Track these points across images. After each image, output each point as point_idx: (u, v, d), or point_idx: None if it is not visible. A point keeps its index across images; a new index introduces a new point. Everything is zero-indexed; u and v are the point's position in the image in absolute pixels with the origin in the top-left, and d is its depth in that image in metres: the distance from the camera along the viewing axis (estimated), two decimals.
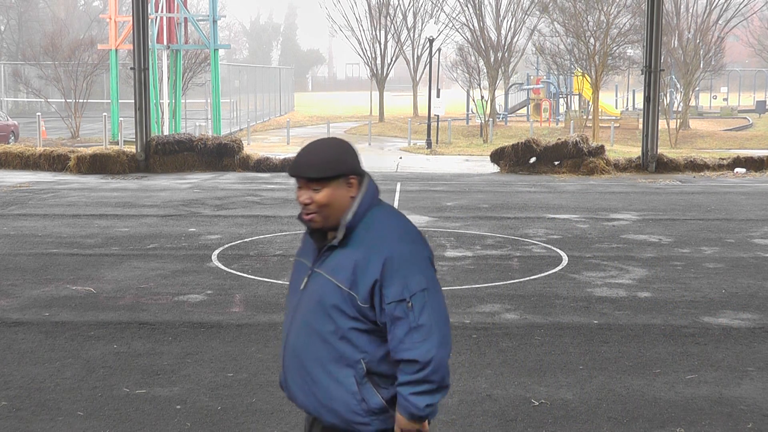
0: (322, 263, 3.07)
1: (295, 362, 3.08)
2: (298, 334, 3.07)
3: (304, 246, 3.25)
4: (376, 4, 47.31)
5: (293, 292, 3.19)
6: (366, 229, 3.05)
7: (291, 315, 3.14)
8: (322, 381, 3.03)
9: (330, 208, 3.03)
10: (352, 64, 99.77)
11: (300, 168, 3.03)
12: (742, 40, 62.40)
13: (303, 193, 3.05)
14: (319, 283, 3.05)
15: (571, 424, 5.60)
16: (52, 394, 6.06)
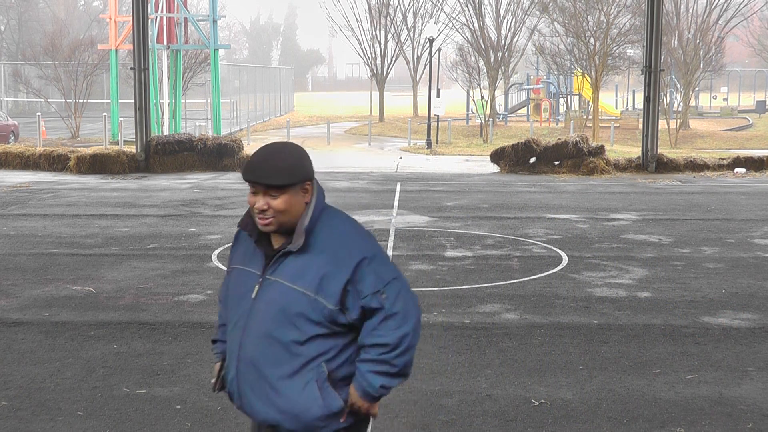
0: (276, 270, 3.03)
1: (254, 373, 3.04)
2: (256, 345, 3.02)
3: (241, 253, 3.19)
4: (376, 4, 47.31)
5: (238, 301, 3.11)
6: (324, 233, 3.03)
7: (242, 325, 3.07)
8: (283, 389, 3.01)
9: (287, 214, 3.00)
10: (352, 64, 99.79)
11: (260, 174, 2.98)
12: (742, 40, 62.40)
13: (259, 199, 3.01)
14: (277, 291, 3.00)
15: (571, 424, 5.60)
16: (52, 394, 6.06)
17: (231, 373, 3.12)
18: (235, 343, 3.09)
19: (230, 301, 3.17)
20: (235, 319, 3.11)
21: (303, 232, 3.00)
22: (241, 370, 3.06)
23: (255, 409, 3.07)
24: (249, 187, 3.05)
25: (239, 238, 3.25)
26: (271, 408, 3.03)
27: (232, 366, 3.11)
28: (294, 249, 3.00)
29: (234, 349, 3.09)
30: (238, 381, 3.09)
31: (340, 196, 16.78)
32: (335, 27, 51.79)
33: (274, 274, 3.03)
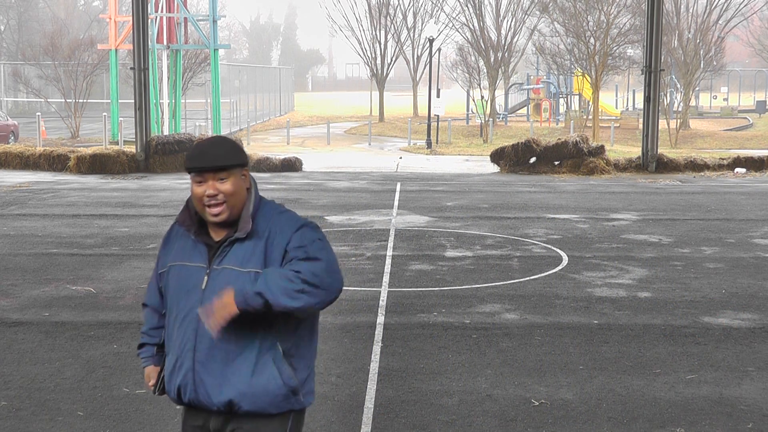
0: (223, 259, 3.12)
1: (212, 358, 3.10)
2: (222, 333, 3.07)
3: (176, 250, 3.25)
4: (376, 4, 47.31)
5: (184, 296, 3.16)
6: (265, 218, 3.16)
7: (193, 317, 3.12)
8: (242, 370, 3.09)
9: (235, 197, 3.11)
10: (352, 64, 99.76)
11: (207, 159, 3.09)
12: (742, 40, 62.37)
13: (208, 186, 3.10)
14: (228, 278, 3.07)
15: (571, 424, 5.60)
16: (52, 394, 6.06)
17: (185, 366, 3.15)
18: (189, 335, 3.13)
19: (173, 298, 3.21)
20: (183, 314, 3.16)
21: (249, 218, 3.12)
22: (199, 359, 3.11)
23: (214, 394, 3.11)
24: (193, 178, 3.12)
25: (171, 237, 3.34)
26: (231, 389, 3.09)
27: (186, 358, 3.14)
28: (242, 235, 3.10)
29: (187, 341, 3.14)
30: (195, 371, 3.12)
31: (340, 196, 16.78)
32: (335, 27, 51.80)
33: (221, 263, 3.12)
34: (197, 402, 3.16)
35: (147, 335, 3.44)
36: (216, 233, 3.18)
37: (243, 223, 3.12)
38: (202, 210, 3.15)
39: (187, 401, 3.19)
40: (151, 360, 3.42)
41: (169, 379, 3.22)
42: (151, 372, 3.40)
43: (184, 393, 3.17)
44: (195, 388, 3.14)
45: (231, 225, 3.15)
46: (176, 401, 3.24)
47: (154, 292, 3.41)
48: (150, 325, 3.44)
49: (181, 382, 3.17)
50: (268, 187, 18.21)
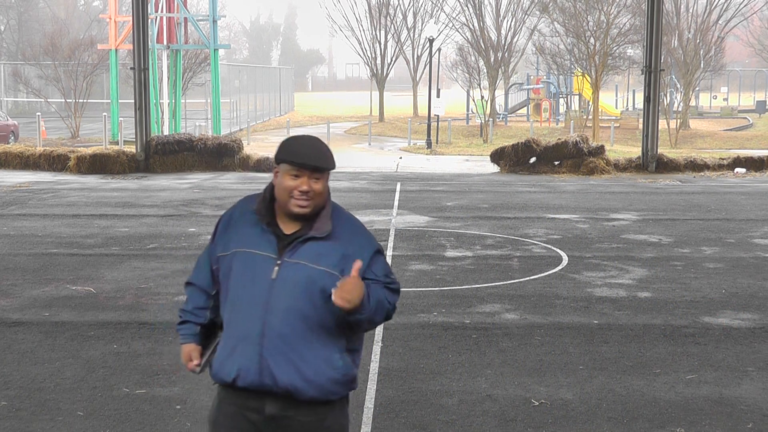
0: (295, 254, 3.23)
1: (282, 346, 3.21)
2: (283, 320, 3.20)
3: (241, 237, 3.31)
4: (376, 4, 47.31)
5: (250, 281, 3.25)
6: (337, 222, 3.30)
7: (260, 303, 3.22)
8: (311, 359, 3.22)
9: (321, 197, 3.26)
10: (352, 64, 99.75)
11: (312, 158, 3.24)
12: (742, 40, 62.37)
13: (303, 182, 3.22)
14: (301, 272, 3.21)
15: (571, 424, 5.60)
16: (52, 394, 6.06)
17: (249, 351, 3.23)
18: (255, 321, 3.23)
19: (235, 284, 3.28)
20: (247, 300, 3.24)
21: (329, 220, 3.27)
22: (266, 345, 3.21)
23: (280, 379, 3.21)
24: (288, 171, 3.24)
25: (232, 222, 3.38)
26: (295, 377, 3.21)
27: (251, 343, 3.23)
28: (320, 235, 3.24)
29: (253, 327, 3.23)
30: (261, 356, 3.21)
31: (340, 196, 16.78)
32: (335, 27, 51.81)
33: (293, 257, 3.23)
34: (259, 385, 3.23)
35: (191, 314, 3.46)
36: (286, 226, 3.29)
37: (321, 224, 3.26)
38: (286, 201, 3.25)
39: (245, 385, 3.24)
40: (193, 338, 3.43)
41: (224, 362, 3.27)
42: (192, 350, 3.42)
43: (244, 377, 3.23)
44: (260, 372, 3.21)
45: (304, 220, 3.27)
46: (227, 384, 3.28)
47: (205, 272, 3.45)
48: (195, 304, 3.46)
49: (241, 366, 3.23)
50: None
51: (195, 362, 3.41)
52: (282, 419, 3.26)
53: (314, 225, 3.25)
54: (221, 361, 3.29)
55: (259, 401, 3.26)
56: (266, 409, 3.26)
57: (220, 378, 3.30)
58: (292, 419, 3.25)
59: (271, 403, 3.25)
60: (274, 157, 3.37)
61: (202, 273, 3.46)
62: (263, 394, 3.25)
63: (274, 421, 3.26)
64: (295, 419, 3.25)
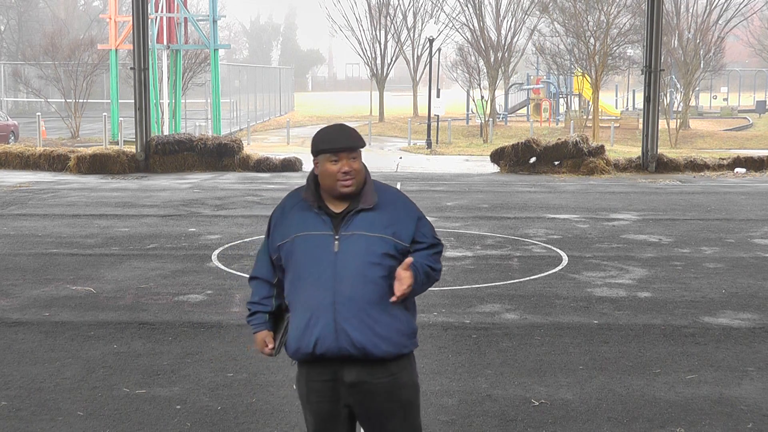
0: (350, 226, 3.61)
1: (354, 309, 3.56)
2: (353, 284, 3.56)
3: (297, 223, 3.66)
4: (376, 4, 47.31)
5: (316, 259, 3.59)
6: (381, 195, 3.68)
7: (329, 276, 3.57)
8: (381, 317, 3.59)
9: (361, 173, 3.64)
10: (352, 64, 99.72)
11: (344, 141, 3.63)
12: (742, 40, 62.39)
13: (343, 164, 3.61)
14: (359, 241, 3.59)
15: (571, 424, 5.60)
16: (52, 394, 6.06)
17: (323, 319, 3.56)
18: (326, 291, 3.57)
19: (302, 263, 3.63)
20: (317, 275, 3.59)
21: (374, 192, 3.67)
22: (339, 311, 3.56)
23: (356, 340, 3.56)
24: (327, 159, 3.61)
25: (285, 213, 3.74)
26: (369, 335, 3.57)
27: (325, 311, 3.57)
28: (368, 206, 3.63)
29: (324, 297, 3.57)
30: (336, 321, 3.55)
31: None
32: (335, 27, 51.81)
33: (348, 230, 3.61)
34: (336, 350, 3.56)
35: (260, 304, 3.81)
36: (335, 206, 3.66)
37: (368, 196, 3.64)
38: (333, 185, 3.62)
39: (322, 352, 3.57)
40: (264, 326, 3.80)
41: (302, 335, 3.60)
42: (266, 336, 3.77)
43: (321, 344, 3.56)
44: (336, 337, 3.56)
45: (350, 198, 3.64)
46: (307, 356, 3.60)
47: (267, 264, 3.81)
48: (261, 295, 3.82)
49: (319, 334, 3.57)
50: (269, 187, 18.22)
51: (270, 346, 3.76)
52: (362, 385, 3.61)
53: (361, 199, 3.63)
54: (298, 336, 3.62)
55: (338, 369, 3.61)
56: (345, 377, 3.60)
57: (301, 352, 3.62)
58: (370, 383, 3.61)
59: (348, 371, 3.60)
60: (311, 151, 3.74)
61: (264, 266, 3.82)
62: (341, 362, 3.59)
63: (354, 388, 3.61)
64: (372, 383, 3.61)
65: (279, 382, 6.29)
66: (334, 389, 3.63)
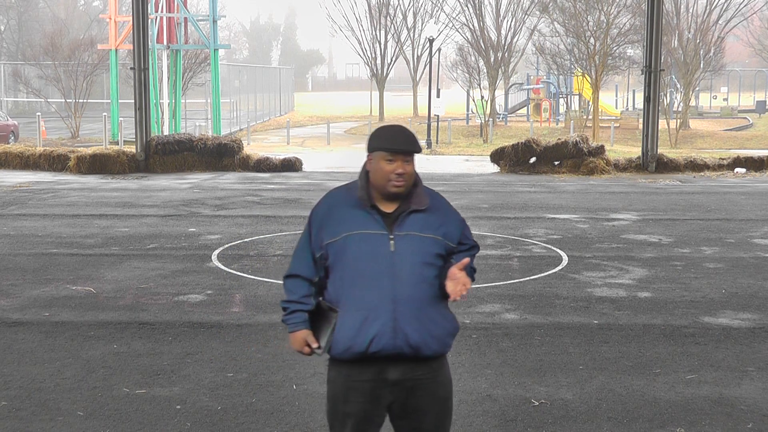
0: (403, 227, 3.65)
1: (413, 308, 3.62)
2: (412, 284, 3.62)
3: (349, 221, 3.66)
4: (376, 4, 47.33)
5: (372, 257, 3.61)
6: (431, 198, 3.75)
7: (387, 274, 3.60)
8: (435, 317, 3.68)
9: (412, 177, 3.69)
10: (352, 64, 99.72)
11: (405, 143, 3.66)
12: (742, 40, 62.39)
13: (397, 165, 3.64)
14: (413, 241, 3.65)
15: (571, 424, 5.60)
16: (52, 394, 6.06)
17: (381, 318, 3.59)
18: (385, 290, 3.61)
19: (356, 262, 3.63)
20: (373, 273, 3.62)
21: (425, 195, 3.72)
22: (399, 310, 3.60)
23: (412, 339, 3.61)
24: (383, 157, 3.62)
25: (331, 211, 3.72)
26: (425, 334, 3.64)
27: (383, 310, 3.59)
28: (421, 208, 3.68)
29: (383, 296, 3.60)
30: (395, 320, 3.59)
31: None
32: (335, 27, 51.82)
33: (402, 230, 3.65)
34: (391, 349, 3.59)
35: (299, 303, 3.78)
36: (385, 206, 3.69)
37: (420, 198, 3.70)
38: (384, 183, 3.64)
39: (376, 350, 3.59)
40: (304, 325, 3.77)
41: (356, 334, 3.60)
42: (307, 335, 3.74)
43: (377, 343, 3.59)
44: (394, 335, 3.59)
45: (397, 198, 3.67)
46: (357, 355, 3.61)
47: (308, 262, 3.77)
48: (301, 293, 3.79)
49: (376, 333, 3.59)
50: (268, 187, 18.22)
51: (315, 345, 3.72)
52: (404, 383, 3.65)
53: (412, 200, 3.68)
54: (351, 335, 3.62)
55: (382, 369, 3.64)
56: (390, 375, 3.64)
57: (352, 351, 3.62)
58: (413, 380, 3.66)
59: (394, 368, 3.64)
60: (366, 146, 3.74)
61: (304, 264, 3.78)
62: (388, 361, 3.62)
63: (398, 386, 3.65)
64: (414, 379, 3.66)
65: (279, 382, 6.29)
66: (374, 390, 3.65)
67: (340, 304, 3.67)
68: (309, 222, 3.78)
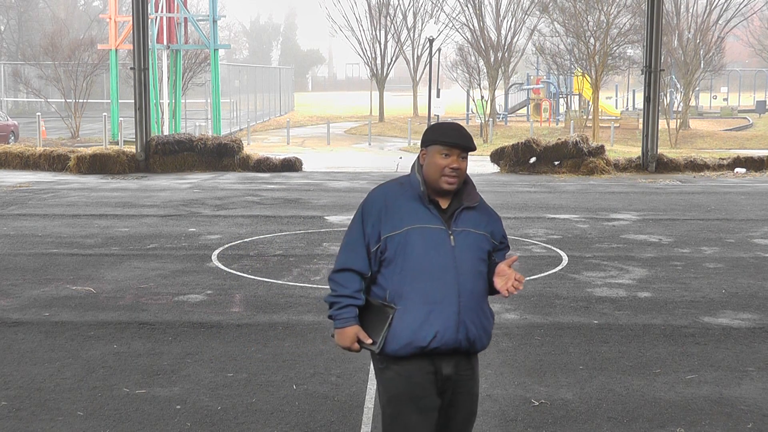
0: (458, 223, 3.69)
1: (474, 303, 3.67)
2: (472, 279, 3.66)
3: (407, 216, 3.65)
4: (376, 4, 47.32)
5: (434, 251, 3.62)
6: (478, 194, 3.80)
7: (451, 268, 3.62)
8: (487, 312, 3.76)
9: (464, 173, 3.72)
10: (352, 64, 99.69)
11: (464, 139, 3.68)
12: (742, 40, 62.39)
13: (453, 160, 3.66)
14: (470, 237, 3.69)
15: (571, 424, 5.60)
16: (52, 394, 6.06)
17: (446, 312, 3.61)
18: (450, 284, 3.63)
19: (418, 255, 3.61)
20: (436, 267, 3.62)
21: (477, 192, 3.78)
22: (464, 304, 3.64)
23: (471, 334, 3.67)
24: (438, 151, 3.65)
25: (388, 204, 3.68)
26: (480, 329, 3.71)
27: (449, 304, 3.62)
28: (473, 205, 3.73)
29: (448, 290, 3.62)
30: (460, 314, 3.63)
31: (341, 197, 16.78)
32: (335, 27, 51.82)
33: (458, 226, 3.69)
34: (452, 343, 3.62)
35: (352, 297, 3.70)
36: (441, 201, 3.71)
37: (472, 195, 3.74)
38: (437, 178, 3.66)
39: (438, 345, 3.60)
40: (355, 321, 3.70)
41: (419, 328, 3.59)
42: (359, 331, 3.68)
43: (440, 337, 3.60)
44: (457, 329, 3.62)
45: (449, 195, 3.70)
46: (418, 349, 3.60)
47: (362, 256, 3.70)
48: (354, 288, 3.71)
49: (440, 327, 3.60)
50: (268, 187, 18.22)
51: (369, 341, 3.66)
52: (453, 377, 3.68)
53: (463, 197, 3.72)
54: (414, 329, 3.59)
55: (439, 362, 3.65)
56: (444, 369, 3.66)
57: (413, 346, 3.59)
58: (458, 375, 3.69)
59: (447, 363, 3.66)
60: (421, 140, 3.75)
61: (358, 257, 3.71)
62: (443, 355, 3.64)
63: (448, 381, 3.68)
64: (460, 374, 3.70)
65: (279, 382, 6.29)
66: (436, 382, 3.66)
67: (398, 298, 3.62)
68: (361, 216, 3.72)
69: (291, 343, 7.26)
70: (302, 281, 9.55)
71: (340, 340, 3.70)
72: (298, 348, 7.12)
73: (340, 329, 3.69)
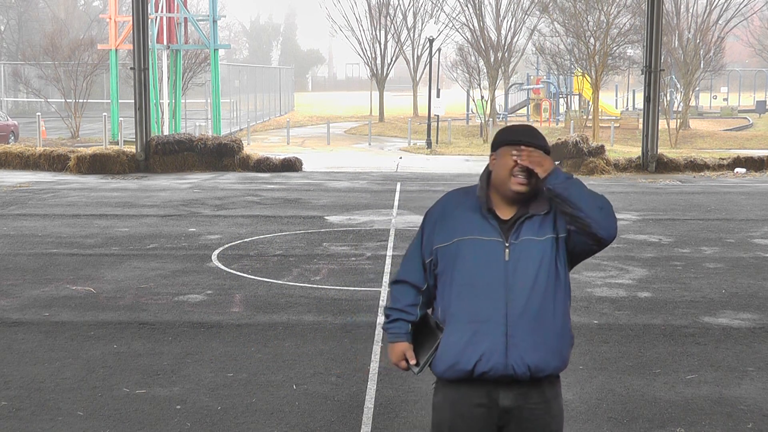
0: (519, 233, 3.30)
1: (532, 323, 3.25)
2: (526, 297, 3.25)
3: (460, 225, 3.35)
4: (376, 4, 47.30)
5: (484, 266, 3.29)
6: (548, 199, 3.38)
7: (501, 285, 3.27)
8: (553, 328, 3.29)
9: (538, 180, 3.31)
10: (352, 64, 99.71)
11: (533, 138, 3.33)
12: (742, 40, 62.37)
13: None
14: (531, 248, 3.29)
15: (571, 424, 5.60)
16: (52, 394, 6.06)
17: (493, 333, 3.24)
18: (498, 303, 3.26)
19: (468, 270, 3.30)
20: (485, 284, 3.27)
21: (547, 199, 3.33)
22: (512, 324, 3.25)
23: (527, 356, 3.24)
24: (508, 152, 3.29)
25: (446, 213, 3.40)
26: (543, 352, 3.26)
27: (496, 324, 3.25)
28: (542, 212, 3.33)
29: (496, 309, 3.26)
30: (507, 335, 3.24)
31: (340, 196, 16.78)
32: (335, 27, 51.81)
33: (519, 237, 3.30)
34: (502, 368, 3.24)
35: (403, 311, 3.47)
36: (502, 212, 3.35)
37: (540, 203, 3.32)
38: (506, 179, 3.29)
39: (485, 370, 3.25)
40: (405, 337, 3.45)
41: (463, 349, 3.27)
42: (407, 349, 3.43)
43: (485, 361, 3.24)
44: (506, 352, 3.24)
45: (519, 202, 3.33)
46: (463, 373, 3.27)
47: (418, 268, 3.45)
48: (408, 301, 3.47)
49: (485, 350, 3.24)
50: (268, 187, 18.22)
51: (413, 361, 3.41)
52: (516, 410, 3.28)
53: (531, 204, 3.32)
54: (458, 350, 3.27)
55: (492, 391, 3.28)
56: (501, 401, 3.28)
57: (457, 369, 3.28)
58: (525, 409, 3.28)
59: (504, 393, 3.27)
60: (491, 145, 3.42)
61: (414, 269, 3.46)
62: (498, 384, 3.27)
63: (508, 414, 3.29)
64: (527, 408, 3.28)
65: (279, 382, 6.29)
66: (488, 416, 3.30)
67: (449, 316, 3.32)
68: (422, 224, 3.47)
69: (291, 343, 7.26)
70: (302, 281, 9.55)
71: (390, 355, 3.50)
72: (298, 348, 7.12)
73: (390, 344, 3.48)
